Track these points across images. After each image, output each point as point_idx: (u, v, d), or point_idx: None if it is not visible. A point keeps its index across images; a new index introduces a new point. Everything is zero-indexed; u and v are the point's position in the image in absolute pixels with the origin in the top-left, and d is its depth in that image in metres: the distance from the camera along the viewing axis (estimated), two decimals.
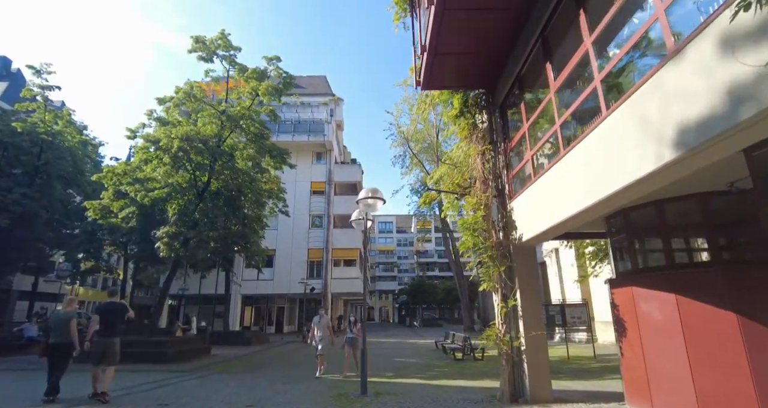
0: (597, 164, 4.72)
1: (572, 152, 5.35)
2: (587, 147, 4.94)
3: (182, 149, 13.86)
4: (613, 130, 4.33)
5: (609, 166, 4.47)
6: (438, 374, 11.25)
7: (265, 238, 25.81)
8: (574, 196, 5.31)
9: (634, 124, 3.91)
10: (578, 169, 5.23)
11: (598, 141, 4.69)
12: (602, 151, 4.62)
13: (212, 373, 11.90)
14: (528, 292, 6.81)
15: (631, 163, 4.01)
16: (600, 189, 4.65)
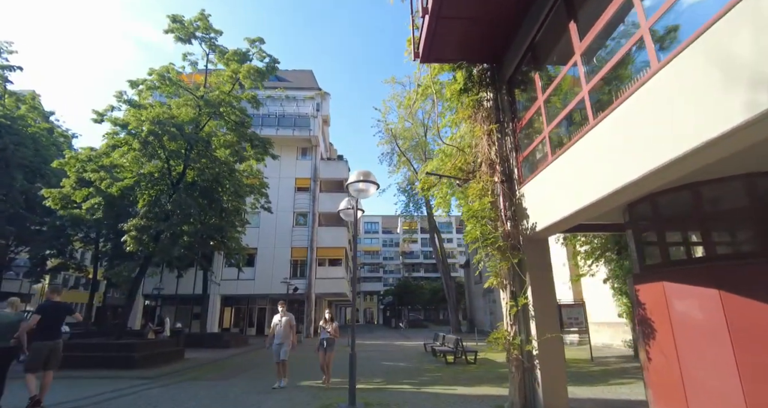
0: (632, 140, 3.98)
1: (598, 127, 4.58)
2: (619, 119, 4.18)
3: (153, 133, 12.61)
4: (658, 95, 3.56)
5: (646, 142, 3.76)
6: (431, 380, 10.40)
7: (246, 236, 24.68)
8: (596, 179, 4.57)
9: (691, 83, 3.14)
10: (604, 147, 4.49)
11: (634, 110, 3.92)
12: (638, 124, 3.87)
13: (183, 379, 10.81)
14: (541, 289, 6.00)
15: (679, 135, 3.29)
16: (631, 170, 3.95)
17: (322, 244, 29.67)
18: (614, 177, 4.28)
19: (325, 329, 9.51)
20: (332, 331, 9.38)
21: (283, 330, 9.27)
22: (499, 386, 9.32)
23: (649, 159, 3.73)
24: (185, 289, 27.91)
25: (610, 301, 17.30)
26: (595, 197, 4.68)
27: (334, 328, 9.44)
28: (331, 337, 9.40)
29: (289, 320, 9.41)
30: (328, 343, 9.36)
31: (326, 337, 9.41)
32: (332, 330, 9.40)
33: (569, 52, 5.36)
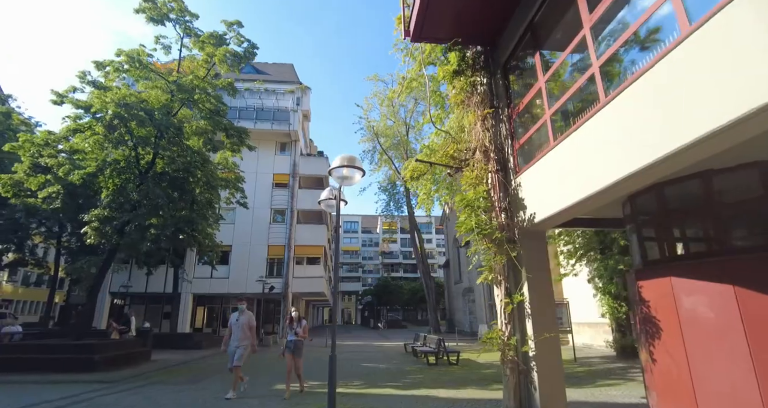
0: (646, 122, 3.61)
1: (606, 109, 4.20)
2: (631, 99, 3.80)
3: (119, 117, 11.63)
4: (680, 70, 3.18)
5: (663, 124, 3.38)
6: (413, 382, 9.92)
7: (221, 232, 23.72)
8: (602, 166, 4.22)
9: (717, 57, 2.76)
10: (613, 131, 4.12)
11: (650, 88, 3.54)
12: (653, 103, 3.49)
13: (147, 383, 10.00)
14: (538, 285, 5.58)
15: (700, 116, 2.95)
16: (642, 156, 3.60)
17: (301, 242, 28.84)
18: (623, 163, 3.90)
19: (291, 330, 8.20)
20: (301, 333, 8.11)
21: (240, 331, 8.09)
22: (484, 389, 8.93)
23: (664, 142, 3.36)
24: (156, 287, 26.64)
25: (591, 301, 17.23)
26: (600, 186, 4.29)
27: (302, 328, 8.19)
28: (298, 339, 8.12)
29: (248, 320, 8.19)
30: (296, 346, 8.06)
31: (292, 339, 8.11)
32: (301, 331, 8.15)
33: (573, 33, 4.96)
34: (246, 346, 8.07)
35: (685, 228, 5.12)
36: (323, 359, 15.03)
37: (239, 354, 7.99)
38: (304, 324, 8.37)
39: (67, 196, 13.43)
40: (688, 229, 5.11)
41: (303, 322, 8.37)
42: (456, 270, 37.58)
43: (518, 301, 5.52)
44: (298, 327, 8.21)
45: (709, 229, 4.82)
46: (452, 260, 39.40)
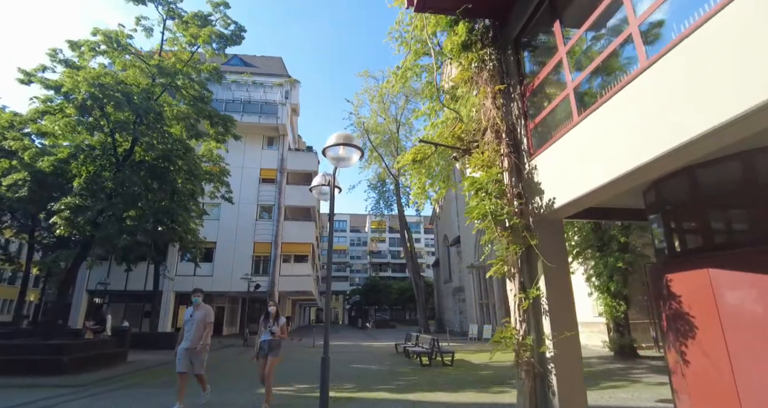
0: (676, 98, 3.15)
1: (636, 82, 3.71)
2: (661, 72, 3.32)
3: (93, 97, 10.73)
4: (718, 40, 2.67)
5: (709, 92, 2.89)
6: (408, 385, 9.32)
7: (205, 228, 22.82)
8: (627, 147, 3.76)
9: None
10: (639, 108, 3.65)
11: (696, 52, 3.03)
12: (685, 78, 3.00)
13: (119, 386, 9.20)
14: (556, 278, 5.02)
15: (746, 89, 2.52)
16: (671, 136, 3.22)
17: (288, 240, 28.03)
18: (654, 143, 3.44)
19: (267, 328, 6.86)
20: (278, 331, 6.82)
21: (194, 330, 6.72)
22: (484, 391, 8.38)
23: (710, 114, 2.86)
24: (136, 284, 25.56)
25: (586, 300, 16.86)
26: (627, 168, 3.83)
27: (280, 327, 6.90)
28: (275, 338, 6.82)
29: (204, 316, 6.85)
30: (271, 346, 6.75)
31: (267, 338, 6.76)
32: (278, 329, 6.85)
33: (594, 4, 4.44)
34: (203, 347, 6.79)
35: (725, 215, 4.60)
36: (311, 360, 14.38)
37: (199, 359, 6.80)
38: (282, 322, 6.99)
39: (35, 184, 12.44)
40: (729, 216, 4.59)
41: (282, 319, 7.02)
42: (446, 269, 37.16)
43: (534, 296, 4.96)
44: (275, 325, 6.83)
45: (755, 214, 4.31)
46: (442, 259, 38.98)
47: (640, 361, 12.91)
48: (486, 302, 26.59)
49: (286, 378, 10.07)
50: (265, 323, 6.97)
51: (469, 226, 28.80)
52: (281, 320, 7.03)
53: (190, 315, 6.91)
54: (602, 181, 4.20)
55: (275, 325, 6.87)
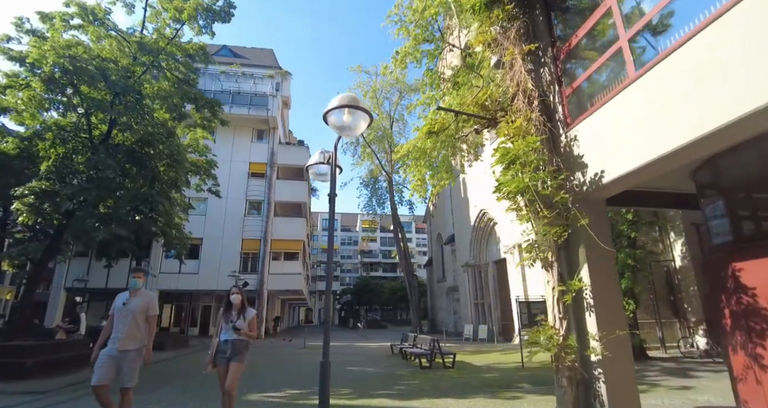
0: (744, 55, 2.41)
1: (707, 32, 2.96)
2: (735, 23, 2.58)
3: (63, 70, 9.65)
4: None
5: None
6: (410, 390, 8.50)
7: (190, 223, 21.73)
8: (691, 113, 3.13)
9: None
10: (707, 66, 2.99)
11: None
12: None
13: (87, 393, 8.19)
14: (601, 268, 4.26)
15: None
16: (743, 101, 2.66)
17: (278, 236, 27.01)
18: (723, 108, 2.71)
19: (229, 323, 4.97)
20: (244, 328, 4.97)
21: (129, 325, 4.69)
22: (496, 398, 7.60)
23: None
24: (118, 282, 24.30)
25: None
26: (690, 138, 3.09)
27: (248, 321, 5.04)
28: (241, 337, 4.96)
29: (144, 306, 4.89)
30: (235, 349, 4.89)
31: (230, 338, 4.93)
32: (245, 325, 4.98)
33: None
34: (138, 351, 4.74)
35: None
36: (303, 362, 13.47)
37: (133, 366, 4.66)
38: (251, 315, 5.14)
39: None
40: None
41: (250, 311, 5.17)
42: (439, 268, 36.44)
43: (576, 288, 4.17)
44: (240, 319, 4.99)
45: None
46: (435, 258, 38.25)
47: (651, 362, 12.28)
48: (481, 302, 25.90)
49: (276, 383, 9.17)
50: (227, 316, 5.05)
51: (463, 224, 28.17)
52: (249, 313, 5.13)
53: (123, 303, 4.78)
54: (656, 154, 3.49)
55: (240, 319, 5.01)
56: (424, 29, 14.65)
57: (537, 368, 11.52)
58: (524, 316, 12.37)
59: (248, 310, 5.19)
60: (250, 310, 5.22)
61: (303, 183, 29.74)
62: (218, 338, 5.04)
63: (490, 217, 24.56)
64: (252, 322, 5.14)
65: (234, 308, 5.11)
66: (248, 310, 5.18)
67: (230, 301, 5.16)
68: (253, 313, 5.23)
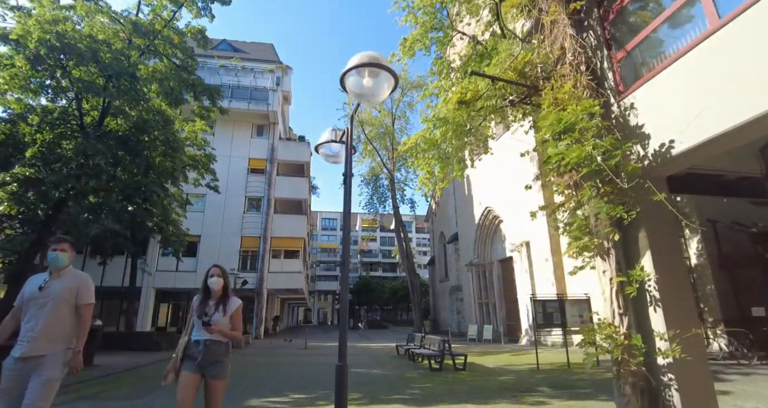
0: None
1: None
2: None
3: (48, 46, 8.96)
4: None
5: None
6: (425, 395, 7.88)
7: (188, 219, 21.08)
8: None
9: None
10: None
11: None
12: None
13: (74, 397, 7.57)
14: (667, 256, 3.64)
15: None
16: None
17: (278, 234, 26.36)
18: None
19: (204, 317, 3.54)
20: (224, 323, 3.59)
21: (46, 319, 3.19)
22: (520, 404, 6.98)
23: None
24: (113, 280, 23.65)
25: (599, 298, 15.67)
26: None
27: (230, 315, 3.67)
28: (218, 338, 3.56)
29: (74, 290, 3.39)
30: (210, 354, 3.50)
31: (203, 338, 3.52)
32: (224, 320, 3.61)
33: None
34: (59, 355, 3.19)
35: None
36: (306, 363, 12.77)
37: (44, 378, 3.03)
38: (234, 306, 3.74)
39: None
40: None
41: (234, 301, 3.78)
42: (442, 267, 35.87)
43: (638, 278, 3.55)
44: (219, 312, 3.60)
45: None
46: (438, 257, 37.68)
47: None
48: (486, 302, 25.31)
49: (279, 386, 8.56)
50: (202, 307, 3.61)
51: (468, 222, 27.59)
52: (232, 304, 3.72)
53: (39, 288, 3.30)
54: (738, 122, 2.87)
55: (219, 311, 3.59)
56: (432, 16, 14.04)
57: (552, 370, 10.95)
58: (539, 316, 11.74)
59: (231, 300, 3.77)
60: (234, 299, 3.79)
61: (304, 179, 29.13)
62: (186, 337, 3.59)
63: (496, 214, 23.99)
64: (235, 317, 3.69)
65: (212, 296, 3.69)
66: (231, 300, 3.75)
67: (208, 287, 3.71)
68: (238, 305, 3.77)
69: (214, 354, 3.51)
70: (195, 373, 3.47)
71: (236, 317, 3.73)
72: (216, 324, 3.51)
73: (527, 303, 20.19)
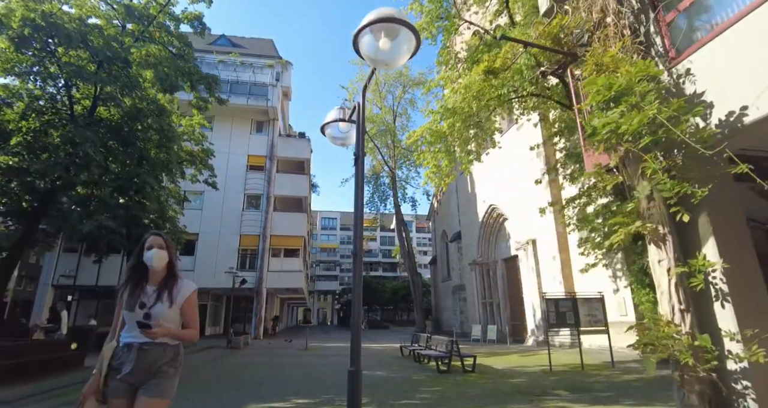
0: None
1: None
2: None
3: (34, 26, 8.37)
4: None
5: None
6: (435, 399, 7.38)
7: (185, 217, 20.53)
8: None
9: None
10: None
11: None
12: None
13: (59, 403, 7.04)
14: (734, 244, 3.13)
15: None
16: None
17: (278, 232, 25.83)
18: None
19: (140, 308, 2.42)
20: (168, 320, 2.44)
21: None
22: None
23: None
24: (109, 279, 23.04)
25: (611, 297, 15.19)
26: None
27: (181, 303, 2.52)
28: (161, 340, 2.41)
29: None
30: (147, 364, 2.37)
31: (137, 341, 2.38)
32: (168, 312, 2.46)
33: None
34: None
35: None
36: (308, 364, 12.23)
37: None
38: (187, 292, 2.59)
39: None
40: None
41: (185, 285, 2.62)
42: (444, 266, 35.35)
43: (702, 267, 3.04)
44: (163, 302, 2.47)
45: None
46: (440, 256, 37.17)
47: None
48: (489, 301, 24.80)
49: (279, 390, 8.04)
50: (137, 295, 2.49)
51: (471, 220, 27.10)
52: (182, 288, 2.60)
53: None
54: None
55: (163, 301, 2.48)
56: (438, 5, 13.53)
57: (565, 372, 10.47)
58: (551, 315, 11.24)
59: (181, 282, 2.59)
60: (185, 282, 2.62)
61: (304, 177, 28.63)
62: (113, 341, 2.49)
63: (500, 212, 23.51)
64: (188, 308, 2.53)
65: (151, 279, 2.53)
66: (181, 283, 2.58)
67: (143, 264, 2.55)
68: (191, 290, 2.60)
69: (153, 362, 2.35)
70: (126, 397, 2.33)
71: (189, 308, 2.53)
72: (159, 321, 2.34)
73: (533, 302, 19.71)
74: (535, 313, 19.36)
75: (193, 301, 2.62)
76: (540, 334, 18.82)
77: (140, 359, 2.35)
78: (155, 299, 2.47)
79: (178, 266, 2.71)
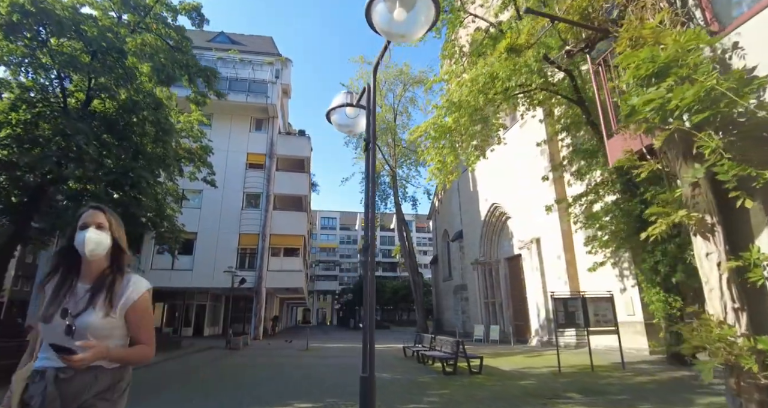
0: None
1: None
2: None
3: (23, 12, 8.00)
4: None
5: None
6: (444, 402, 7.09)
7: (183, 216, 20.20)
8: None
9: None
10: None
11: None
12: None
13: None
14: None
15: None
16: None
17: (277, 231, 25.49)
18: None
19: (61, 316, 1.63)
20: (100, 335, 1.64)
21: None
22: None
23: None
24: None
25: (618, 297, 14.87)
26: None
27: (125, 310, 1.74)
28: (99, 364, 1.62)
29: None
30: (65, 392, 1.58)
31: (55, 366, 1.58)
32: (102, 326, 1.67)
33: None
34: None
35: None
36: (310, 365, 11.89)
37: None
38: (137, 293, 1.78)
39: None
40: None
41: (136, 284, 1.80)
42: (445, 266, 35.04)
43: (757, 263, 2.71)
44: (94, 308, 1.68)
45: None
46: (441, 256, 36.88)
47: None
48: (492, 301, 24.49)
49: (280, 393, 7.72)
50: (61, 295, 1.71)
51: (473, 219, 26.80)
52: (129, 288, 1.78)
53: None
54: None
55: (95, 306, 1.68)
56: None
57: (574, 373, 10.17)
58: (560, 315, 10.93)
59: (128, 279, 1.82)
60: (134, 280, 1.83)
61: (304, 175, 28.30)
62: (32, 363, 1.71)
63: (503, 211, 23.20)
64: (135, 318, 1.78)
65: (82, 270, 1.79)
66: (127, 281, 1.81)
67: (71, 253, 1.79)
68: (142, 291, 1.82)
69: (76, 395, 1.61)
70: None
71: (136, 316, 1.78)
72: (86, 336, 1.62)
73: (537, 302, 19.40)
74: (539, 313, 19.04)
75: (144, 306, 1.81)
76: (544, 334, 18.52)
77: (56, 391, 1.57)
78: (86, 304, 1.67)
79: (128, 258, 1.87)
